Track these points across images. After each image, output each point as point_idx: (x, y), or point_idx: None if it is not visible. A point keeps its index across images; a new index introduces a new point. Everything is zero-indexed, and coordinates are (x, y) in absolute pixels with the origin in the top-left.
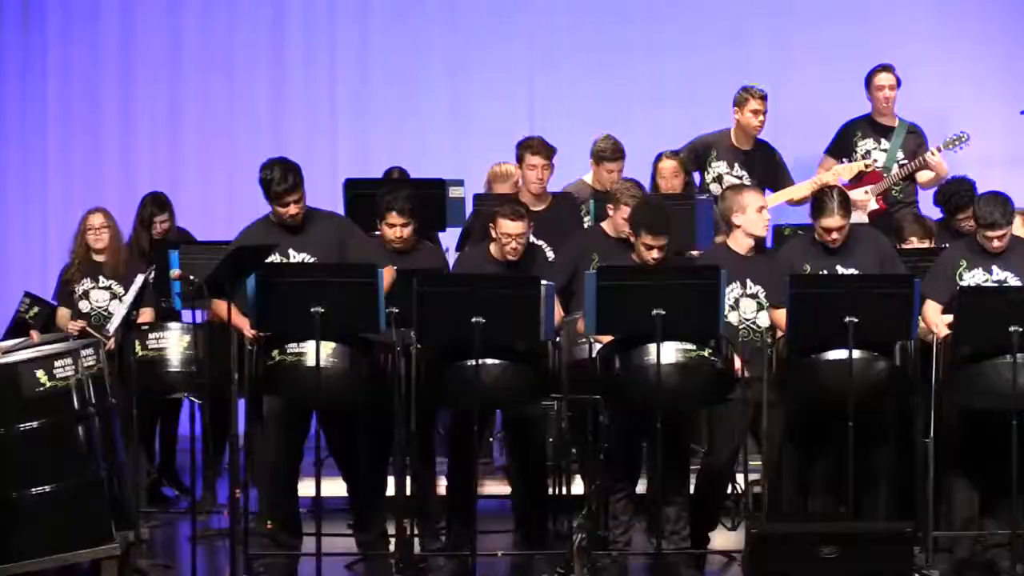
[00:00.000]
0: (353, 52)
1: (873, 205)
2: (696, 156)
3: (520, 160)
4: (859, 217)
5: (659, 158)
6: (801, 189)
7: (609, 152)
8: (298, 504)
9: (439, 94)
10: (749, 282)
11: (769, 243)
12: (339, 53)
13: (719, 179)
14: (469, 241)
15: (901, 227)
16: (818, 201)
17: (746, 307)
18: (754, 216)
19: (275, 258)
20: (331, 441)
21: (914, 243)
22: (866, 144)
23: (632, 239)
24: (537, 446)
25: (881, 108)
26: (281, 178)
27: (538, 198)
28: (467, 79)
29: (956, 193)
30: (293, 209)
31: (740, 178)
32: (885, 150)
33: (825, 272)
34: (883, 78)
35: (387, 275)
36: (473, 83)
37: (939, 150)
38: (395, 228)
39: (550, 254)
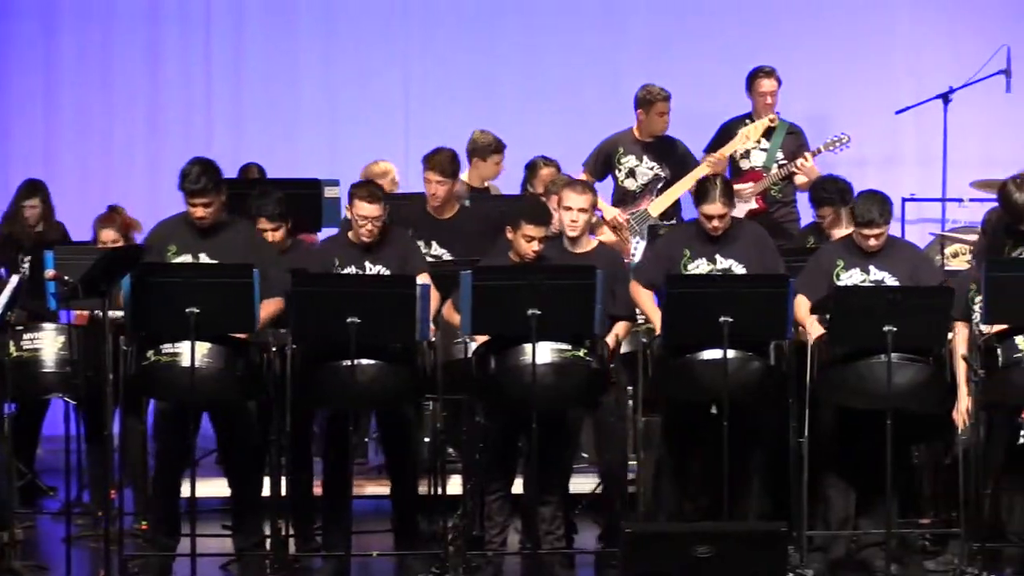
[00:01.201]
0: (228, 51)
1: (752, 205)
2: (605, 158)
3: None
4: (738, 215)
5: (534, 163)
6: (700, 171)
7: (494, 144)
8: (178, 504)
9: (314, 95)
10: None
11: None
12: (214, 52)
13: (632, 173)
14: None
15: None
16: (701, 187)
17: None
18: (560, 214)
19: (187, 259)
20: (220, 443)
21: None
22: (746, 144)
23: (511, 235)
24: (409, 446)
25: (762, 111)
26: (195, 177)
27: (439, 209)
28: (342, 80)
29: (821, 188)
30: (199, 212)
31: (652, 168)
32: (765, 150)
33: (705, 260)
34: (766, 84)
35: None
36: (348, 84)
37: (819, 151)
38: (266, 232)
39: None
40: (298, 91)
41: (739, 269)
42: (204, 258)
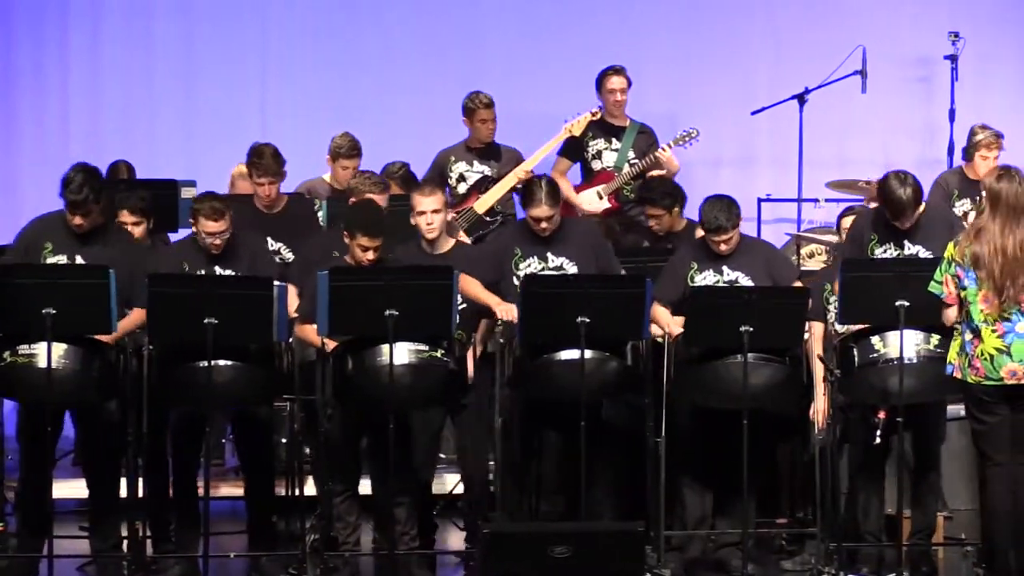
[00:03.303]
0: (85, 50)
1: (605, 204)
2: (439, 171)
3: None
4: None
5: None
6: (510, 180)
7: (345, 149)
8: (46, 505)
9: (171, 95)
10: None
11: None
12: (72, 50)
13: (462, 178)
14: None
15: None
16: (527, 190)
17: None
18: (415, 220)
19: (62, 259)
20: (80, 444)
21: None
22: (597, 144)
23: (347, 240)
24: (265, 447)
25: (612, 110)
26: (77, 188)
27: (270, 203)
28: (199, 79)
29: (649, 188)
30: (78, 220)
31: (481, 171)
32: (616, 150)
33: (536, 258)
34: (615, 81)
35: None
36: (205, 84)
37: (669, 146)
38: (127, 226)
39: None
40: (155, 91)
41: (571, 267)
42: (80, 261)
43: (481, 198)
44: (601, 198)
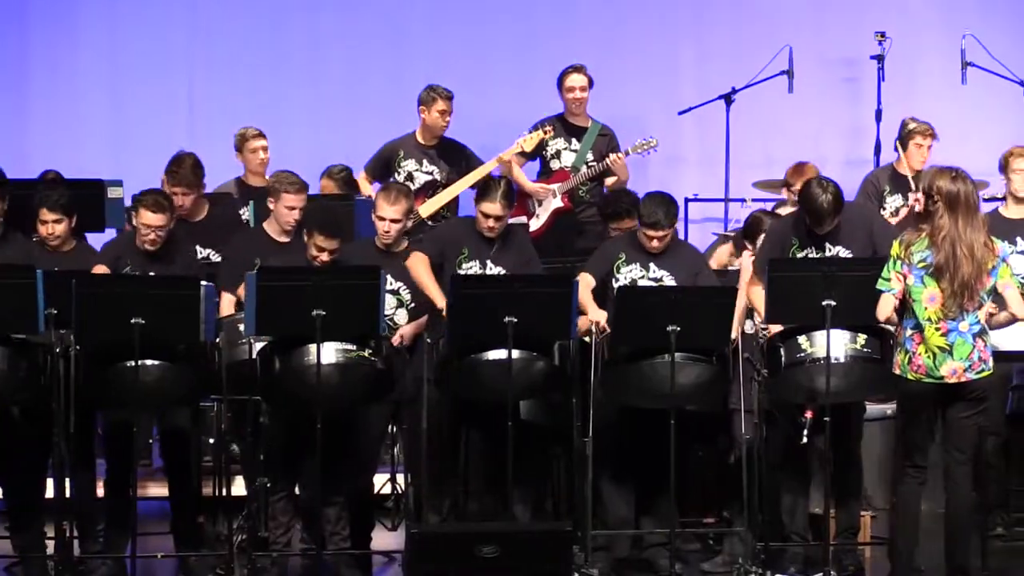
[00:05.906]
0: (10, 51)
1: (558, 203)
2: (385, 163)
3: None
4: (544, 213)
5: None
6: (458, 187)
7: (249, 132)
8: None
9: (98, 95)
10: (390, 278)
11: None
12: None
13: (410, 177)
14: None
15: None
16: (484, 185)
17: (388, 303)
18: (375, 220)
19: None
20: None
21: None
22: (557, 144)
23: (306, 238)
24: (186, 447)
25: (573, 108)
26: None
27: (187, 213)
28: (126, 79)
29: (617, 202)
30: None
31: (431, 173)
32: (576, 150)
33: (477, 263)
34: (574, 79)
35: None
36: (132, 84)
37: (627, 153)
38: (47, 224)
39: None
40: (81, 92)
41: None
42: None
43: (427, 202)
44: (555, 196)
